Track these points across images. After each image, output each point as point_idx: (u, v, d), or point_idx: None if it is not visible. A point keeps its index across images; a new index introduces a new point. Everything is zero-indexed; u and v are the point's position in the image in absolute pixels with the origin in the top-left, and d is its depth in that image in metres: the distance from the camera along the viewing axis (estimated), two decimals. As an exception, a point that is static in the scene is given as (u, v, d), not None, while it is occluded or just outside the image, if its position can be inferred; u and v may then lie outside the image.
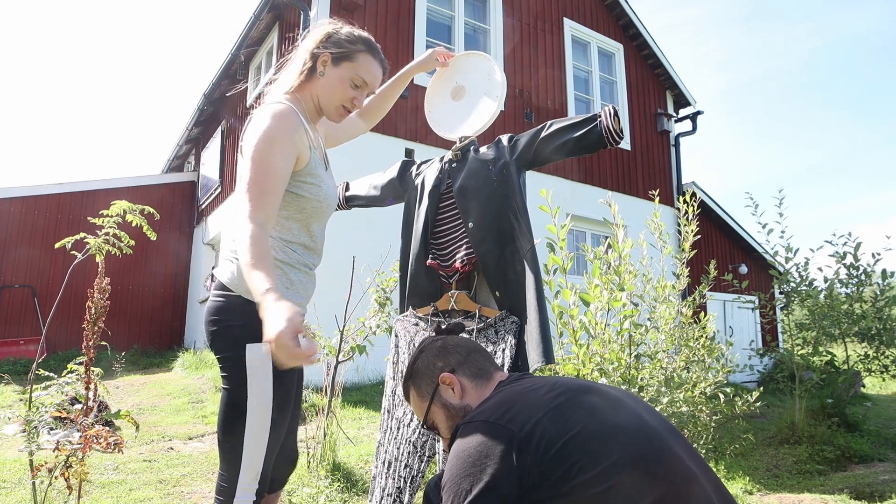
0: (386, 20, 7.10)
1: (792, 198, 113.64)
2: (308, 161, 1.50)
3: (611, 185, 8.91)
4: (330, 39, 1.56)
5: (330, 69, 1.55)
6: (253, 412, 1.39)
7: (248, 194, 1.37)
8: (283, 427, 1.49)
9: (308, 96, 1.58)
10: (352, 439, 3.91)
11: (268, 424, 1.40)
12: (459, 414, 1.29)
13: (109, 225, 2.21)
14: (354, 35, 1.59)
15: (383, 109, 2.05)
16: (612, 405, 1.11)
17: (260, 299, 1.28)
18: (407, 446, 1.89)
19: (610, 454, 1.01)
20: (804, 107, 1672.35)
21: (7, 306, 8.82)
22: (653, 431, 1.08)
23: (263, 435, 1.40)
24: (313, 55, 1.55)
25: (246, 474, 1.40)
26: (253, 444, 1.40)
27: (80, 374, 2.15)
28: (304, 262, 1.55)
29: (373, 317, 3.37)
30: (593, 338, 2.62)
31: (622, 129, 1.81)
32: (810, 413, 5.26)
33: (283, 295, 1.34)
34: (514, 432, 1.05)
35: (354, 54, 1.57)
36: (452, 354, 1.38)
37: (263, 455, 1.40)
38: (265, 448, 1.40)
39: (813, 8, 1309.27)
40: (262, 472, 1.41)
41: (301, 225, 1.53)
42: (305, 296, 1.59)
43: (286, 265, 1.50)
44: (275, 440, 1.44)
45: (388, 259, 3.41)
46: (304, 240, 1.55)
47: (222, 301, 1.46)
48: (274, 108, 1.47)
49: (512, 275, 1.89)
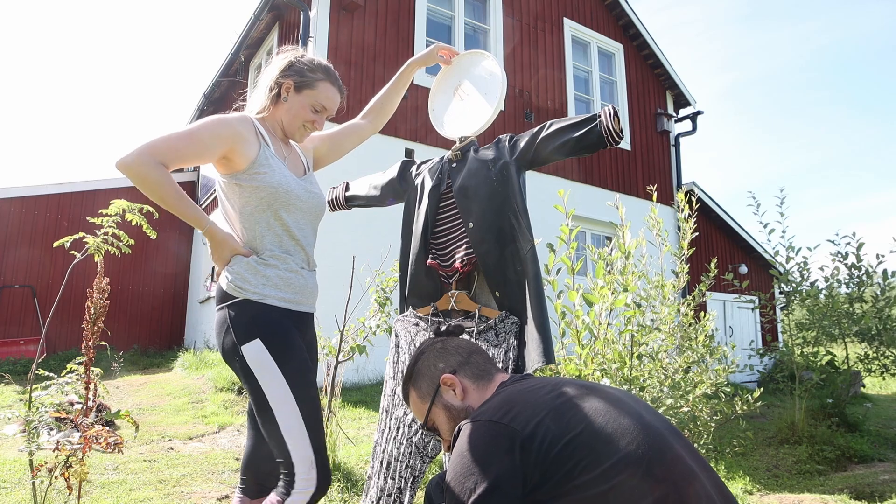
0: (386, 20, 7.10)
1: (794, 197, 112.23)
2: (257, 155, 1.60)
3: (611, 185, 8.91)
4: (292, 68, 1.69)
5: (293, 96, 1.69)
6: (276, 405, 1.47)
7: (158, 137, 1.49)
8: (315, 403, 1.53)
9: (273, 119, 1.71)
10: (352, 439, 3.90)
11: (297, 409, 1.47)
12: (461, 415, 1.29)
13: (108, 224, 2.21)
14: (315, 64, 1.72)
15: (389, 108, 2.08)
16: (613, 405, 1.11)
17: (205, 228, 1.53)
18: (408, 446, 1.89)
19: (611, 454, 1.01)
20: (808, 106, 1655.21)
21: (7, 306, 8.81)
22: (654, 431, 1.08)
23: (298, 421, 1.47)
24: (277, 83, 1.69)
25: (300, 464, 1.46)
26: (291, 435, 1.46)
27: (79, 374, 2.15)
28: (281, 258, 1.61)
29: (372, 317, 3.37)
30: (597, 338, 2.62)
31: (622, 129, 1.80)
32: (810, 413, 5.26)
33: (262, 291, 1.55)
34: (517, 431, 1.05)
35: (315, 83, 1.70)
36: (453, 356, 1.37)
37: (308, 441, 1.47)
38: (307, 433, 1.47)
39: (818, 6, 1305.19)
40: (314, 458, 1.46)
41: (267, 216, 1.61)
42: (294, 291, 1.63)
43: (258, 262, 1.59)
44: (314, 420, 1.50)
45: (388, 259, 3.41)
46: (276, 229, 1.62)
47: (224, 312, 1.56)
48: (229, 114, 1.66)
49: (512, 275, 1.89)
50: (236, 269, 1.57)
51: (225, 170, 1.61)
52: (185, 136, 1.53)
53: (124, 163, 1.44)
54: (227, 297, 1.56)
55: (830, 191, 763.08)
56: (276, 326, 1.54)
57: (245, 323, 1.51)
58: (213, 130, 1.56)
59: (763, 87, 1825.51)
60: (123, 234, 2.24)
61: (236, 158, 1.58)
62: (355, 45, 6.73)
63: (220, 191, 1.66)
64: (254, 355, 1.49)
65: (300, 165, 1.79)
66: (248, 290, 1.54)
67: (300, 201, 1.65)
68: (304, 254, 1.69)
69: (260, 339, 1.49)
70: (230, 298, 1.55)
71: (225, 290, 1.56)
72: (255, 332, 1.50)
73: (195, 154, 1.54)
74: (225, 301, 1.56)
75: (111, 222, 2.20)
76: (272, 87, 1.70)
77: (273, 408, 1.47)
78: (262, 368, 1.48)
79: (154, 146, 1.47)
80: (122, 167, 1.44)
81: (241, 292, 1.54)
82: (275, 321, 1.54)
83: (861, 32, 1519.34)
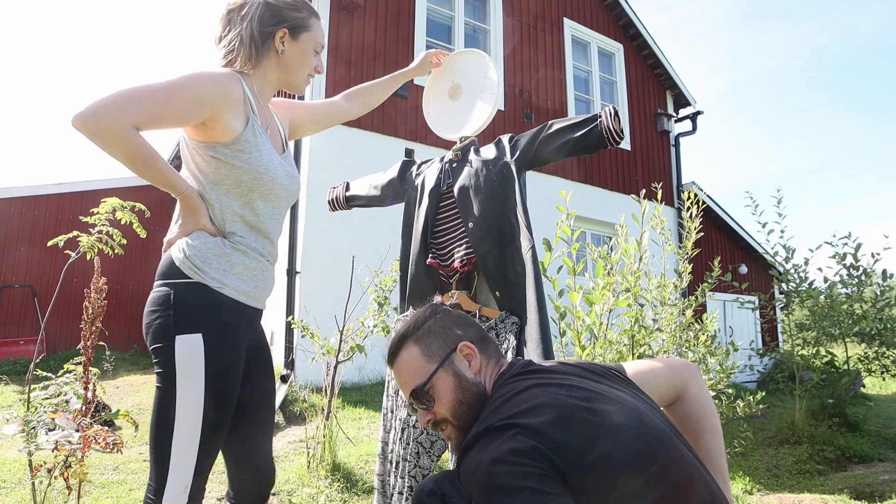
0: (386, 20, 7.09)
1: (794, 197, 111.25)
2: (243, 131, 1.38)
3: (611, 186, 8.90)
4: (277, 13, 1.46)
5: (290, 44, 1.48)
6: (182, 412, 1.26)
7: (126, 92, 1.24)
8: (222, 431, 1.33)
9: (261, 76, 1.48)
10: (352, 439, 3.90)
11: (198, 427, 1.26)
12: (471, 389, 1.20)
13: (101, 223, 2.20)
14: (297, 2, 1.51)
15: (374, 100, 1.99)
16: (615, 404, 1.10)
17: (181, 194, 1.34)
18: (415, 447, 1.90)
19: (612, 453, 1.00)
20: (808, 105, 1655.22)
21: (7, 306, 8.81)
22: (656, 429, 1.07)
23: (193, 438, 1.27)
24: (264, 33, 1.44)
25: (173, 484, 1.26)
26: (181, 449, 1.26)
27: (77, 374, 2.14)
28: (249, 245, 1.42)
29: (372, 317, 3.37)
30: (597, 338, 2.62)
31: (622, 129, 1.80)
32: (810, 413, 5.26)
33: (223, 278, 1.35)
34: (547, 438, 0.99)
35: (308, 22, 1.51)
36: (471, 328, 1.29)
37: (194, 463, 1.27)
38: (196, 454, 1.27)
39: (818, 6, 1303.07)
40: (190, 484, 1.27)
41: (242, 201, 1.40)
42: (255, 285, 1.44)
43: (226, 245, 1.38)
44: (212, 445, 1.31)
45: (388, 259, 3.41)
46: (248, 217, 1.42)
47: (168, 289, 1.33)
48: (213, 68, 1.40)
49: (512, 275, 1.88)
50: (198, 244, 1.35)
51: (200, 136, 1.38)
52: (163, 97, 1.27)
53: (83, 118, 1.19)
54: (177, 274, 1.32)
55: (830, 191, 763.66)
56: (225, 331, 1.33)
57: (192, 309, 1.30)
58: (198, 93, 1.30)
59: (763, 87, 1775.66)
60: (117, 233, 2.23)
61: (218, 128, 1.35)
62: (355, 45, 6.73)
63: (186, 153, 1.42)
64: (186, 350, 1.27)
65: (279, 138, 1.58)
66: (207, 273, 1.33)
67: (282, 189, 1.46)
68: (271, 243, 1.49)
69: (202, 336, 1.28)
70: (181, 276, 1.32)
71: (177, 265, 1.33)
72: (199, 325, 1.29)
73: (173, 120, 1.30)
74: (172, 277, 1.32)
75: (104, 220, 2.19)
76: (256, 38, 1.43)
77: (177, 418, 1.26)
78: (188, 368, 1.26)
79: (122, 106, 1.21)
80: (80, 124, 1.20)
81: (197, 273, 1.32)
82: (226, 324, 1.33)
83: (861, 32, 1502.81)
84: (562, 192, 2.53)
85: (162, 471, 1.27)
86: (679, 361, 1.38)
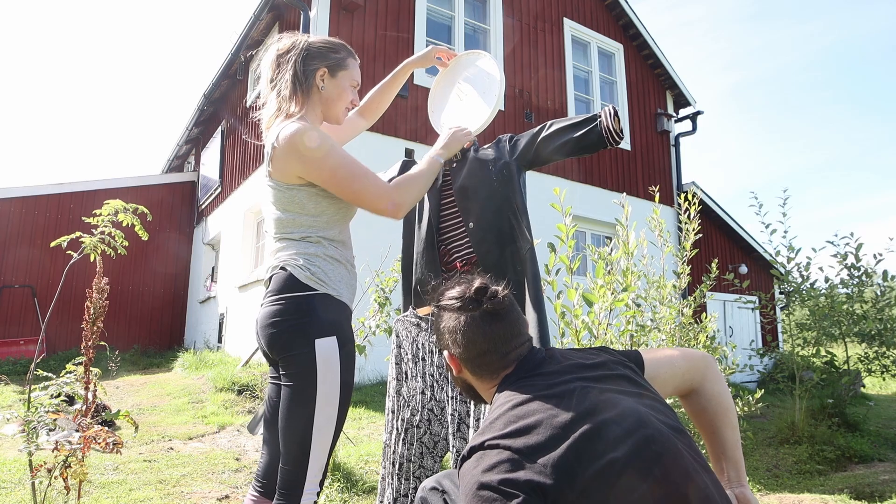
0: (386, 20, 7.10)
1: (797, 197, 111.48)
2: None
3: (611, 185, 8.90)
4: (316, 53, 1.64)
5: (329, 82, 1.66)
6: (322, 407, 1.47)
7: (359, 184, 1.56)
8: (343, 419, 1.55)
9: (311, 112, 1.65)
10: (352, 439, 3.90)
11: (335, 418, 1.48)
12: (461, 385, 1.34)
13: (104, 224, 2.20)
14: (333, 43, 1.69)
15: (383, 105, 2.09)
16: (615, 402, 1.10)
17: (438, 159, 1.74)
18: (419, 447, 1.90)
19: (605, 474, 1.00)
20: (812, 105, 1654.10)
21: (7, 306, 8.82)
22: (656, 429, 1.07)
23: (330, 429, 1.48)
24: (307, 73, 1.63)
25: (314, 469, 1.47)
26: (321, 439, 1.48)
27: (78, 374, 2.15)
28: (347, 259, 1.65)
29: (372, 317, 3.37)
30: (596, 338, 2.62)
31: (622, 129, 1.80)
32: (810, 413, 5.26)
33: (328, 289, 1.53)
34: (538, 464, 1.00)
35: (345, 62, 1.69)
36: (471, 346, 1.32)
37: (328, 451, 1.49)
38: (330, 442, 1.49)
39: (822, 6, 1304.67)
40: (321, 476, 1.49)
41: (340, 227, 1.64)
42: (352, 292, 1.63)
43: (334, 261, 1.59)
44: (339, 431, 1.53)
45: (388, 259, 3.41)
46: (346, 234, 1.67)
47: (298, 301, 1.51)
48: (298, 124, 1.56)
49: (512, 275, 1.88)
50: (314, 260, 1.54)
51: (301, 181, 1.57)
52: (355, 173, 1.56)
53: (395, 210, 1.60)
54: (302, 287, 1.51)
55: (833, 191, 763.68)
56: (349, 332, 1.54)
57: (327, 317, 1.50)
58: (336, 150, 1.56)
59: (767, 87, 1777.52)
60: (119, 234, 2.24)
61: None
62: (355, 45, 6.73)
63: (283, 199, 1.59)
64: (326, 352, 1.47)
65: None
66: (328, 284, 1.53)
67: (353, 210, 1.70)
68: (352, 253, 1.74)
69: (336, 338, 1.49)
70: (307, 289, 1.51)
71: (302, 280, 1.51)
72: (333, 330, 1.49)
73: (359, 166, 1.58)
74: (298, 290, 1.51)
75: (106, 221, 2.19)
76: (300, 78, 1.62)
77: (317, 407, 1.46)
78: (327, 367, 1.47)
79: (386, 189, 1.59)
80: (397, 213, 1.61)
81: (322, 285, 1.52)
82: (348, 326, 1.55)
83: (865, 32, 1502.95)
84: (555, 189, 2.50)
85: (301, 459, 1.46)
86: (697, 353, 1.38)
